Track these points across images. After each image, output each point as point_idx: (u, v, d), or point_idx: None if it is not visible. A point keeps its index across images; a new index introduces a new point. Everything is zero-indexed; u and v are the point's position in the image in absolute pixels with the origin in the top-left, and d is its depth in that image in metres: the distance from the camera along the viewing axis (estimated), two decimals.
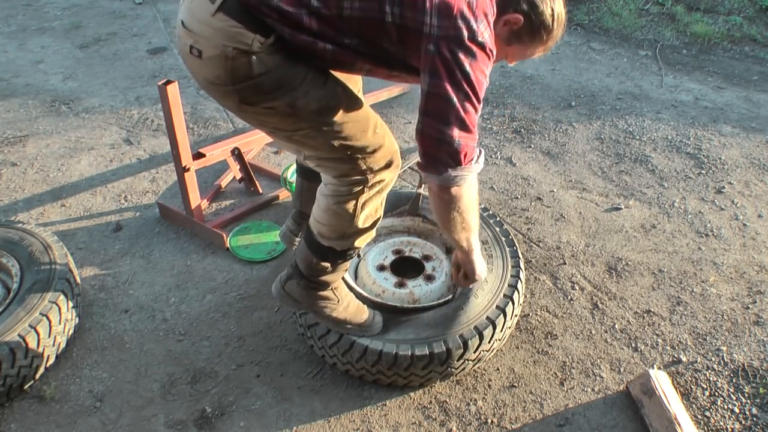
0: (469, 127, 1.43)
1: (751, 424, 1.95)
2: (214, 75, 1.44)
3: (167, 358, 2.14)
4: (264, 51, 1.40)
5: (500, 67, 4.24)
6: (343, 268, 1.82)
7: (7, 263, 2.14)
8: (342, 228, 1.67)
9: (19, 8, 5.30)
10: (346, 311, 1.87)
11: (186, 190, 2.59)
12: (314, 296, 1.84)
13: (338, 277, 1.85)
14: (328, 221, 1.67)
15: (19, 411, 1.95)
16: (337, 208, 1.64)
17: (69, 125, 3.54)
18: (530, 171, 3.17)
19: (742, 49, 4.55)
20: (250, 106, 1.48)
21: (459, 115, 1.40)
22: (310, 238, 1.74)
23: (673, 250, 2.66)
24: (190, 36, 1.43)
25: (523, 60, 1.65)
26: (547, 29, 1.53)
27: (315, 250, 1.74)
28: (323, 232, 1.70)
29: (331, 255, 1.74)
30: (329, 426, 1.93)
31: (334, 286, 1.85)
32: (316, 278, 1.80)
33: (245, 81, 1.42)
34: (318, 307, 1.86)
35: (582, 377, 2.09)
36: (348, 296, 1.90)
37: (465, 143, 1.44)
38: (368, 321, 1.90)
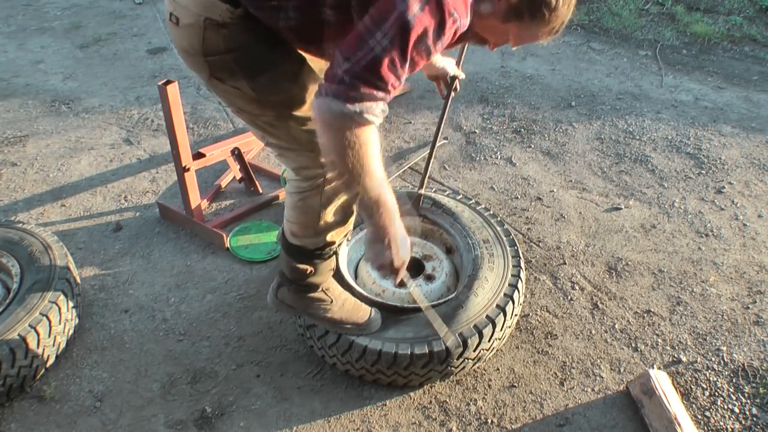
0: (380, 76, 1.25)
1: (751, 424, 1.95)
2: (188, 44, 1.47)
3: (167, 358, 2.14)
4: (235, 24, 1.41)
5: (500, 66, 4.25)
6: (326, 268, 1.80)
7: (7, 263, 2.14)
8: (310, 224, 1.65)
9: (19, 8, 5.30)
10: (342, 311, 1.87)
11: (186, 190, 2.59)
12: (306, 299, 1.84)
13: (325, 278, 1.83)
14: (296, 219, 1.66)
15: (19, 411, 1.95)
16: (302, 204, 1.63)
17: (69, 125, 3.54)
18: (530, 171, 3.17)
19: (742, 49, 4.55)
20: (219, 81, 1.50)
21: (375, 58, 1.24)
22: (284, 240, 1.74)
23: (673, 250, 2.66)
24: (171, 3, 1.48)
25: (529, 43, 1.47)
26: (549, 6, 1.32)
27: (289, 251, 1.74)
28: (294, 231, 1.69)
29: (306, 255, 1.72)
30: (329, 426, 1.93)
31: (324, 287, 1.84)
32: (302, 281, 1.79)
33: (215, 54, 1.44)
34: (312, 309, 1.86)
35: (582, 377, 2.09)
36: (342, 296, 1.89)
37: (364, 89, 1.26)
38: (365, 319, 1.89)
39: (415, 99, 3.83)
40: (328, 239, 1.69)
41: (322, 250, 1.72)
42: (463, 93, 3.89)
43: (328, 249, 1.73)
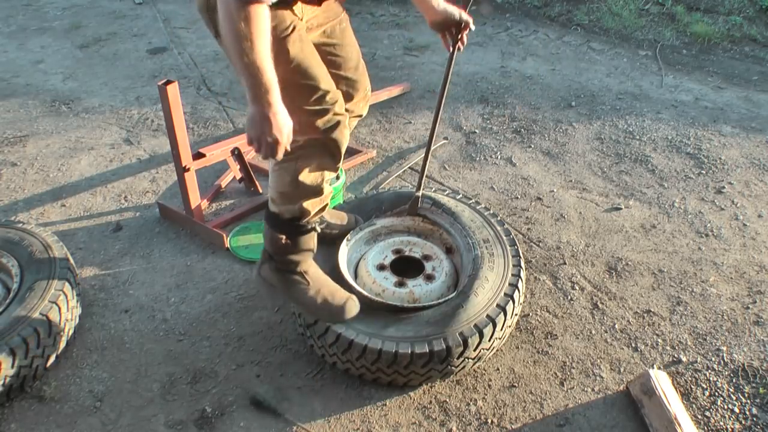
0: None
1: (751, 424, 1.95)
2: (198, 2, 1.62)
3: (167, 358, 2.14)
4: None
5: (500, 66, 4.25)
6: (304, 245, 1.89)
7: (7, 263, 2.14)
8: (285, 189, 1.77)
9: (19, 8, 5.30)
10: (319, 295, 1.92)
11: (186, 190, 2.59)
12: (286, 279, 1.93)
13: (304, 258, 1.92)
14: (274, 184, 1.79)
15: (19, 411, 1.95)
16: (278, 168, 1.76)
17: (69, 125, 3.54)
18: (530, 171, 3.17)
19: (742, 49, 4.55)
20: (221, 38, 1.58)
21: None
22: (266, 208, 1.88)
23: (673, 250, 2.66)
24: None
25: None
26: None
27: (269, 220, 1.87)
28: (273, 197, 1.82)
29: (283, 223, 1.83)
30: (329, 426, 1.93)
31: (303, 269, 1.93)
32: (281, 257, 1.89)
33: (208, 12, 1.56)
34: (291, 290, 1.94)
35: (582, 377, 2.09)
36: (320, 281, 1.96)
37: None
38: (340, 306, 1.92)
39: (415, 99, 3.83)
40: (304, 207, 1.81)
41: (298, 221, 1.83)
42: (463, 93, 3.89)
43: (305, 221, 1.84)
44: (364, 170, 3.16)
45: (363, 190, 2.99)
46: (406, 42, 4.64)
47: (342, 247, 2.21)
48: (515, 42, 4.66)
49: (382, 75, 4.10)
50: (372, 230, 2.35)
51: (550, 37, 4.76)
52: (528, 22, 5.00)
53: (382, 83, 3.91)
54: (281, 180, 1.77)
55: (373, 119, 3.58)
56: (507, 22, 5.01)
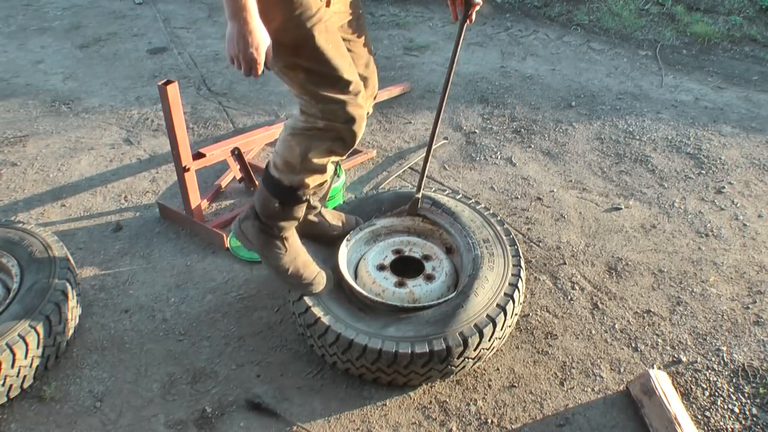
0: None
1: (751, 424, 1.95)
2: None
3: (167, 358, 2.14)
4: None
5: (500, 66, 4.25)
6: (292, 214, 1.92)
7: (7, 263, 2.14)
8: (292, 161, 1.80)
9: (19, 8, 5.30)
10: (292, 263, 1.97)
11: (186, 190, 2.59)
12: (265, 240, 1.98)
13: (289, 225, 1.96)
14: (282, 152, 1.82)
15: (19, 411, 1.95)
16: (291, 139, 1.79)
17: (69, 125, 3.54)
18: (530, 171, 3.17)
19: (742, 49, 4.55)
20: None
21: None
22: (266, 170, 1.91)
23: (673, 250, 2.66)
24: None
25: None
26: None
27: (267, 181, 1.90)
28: (277, 163, 1.85)
29: (280, 189, 1.86)
30: (329, 426, 1.93)
31: (285, 235, 1.97)
32: (268, 220, 1.93)
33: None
34: (267, 251, 1.99)
35: (582, 377, 2.09)
36: (298, 250, 2.00)
37: None
38: (309, 278, 1.97)
39: (415, 99, 3.83)
40: (305, 180, 1.84)
41: (295, 191, 1.86)
42: (463, 93, 3.89)
43: (301, 192, 1.87)
44: (364, 170, 3.16)
45: (363, 190, 2.99)
46: (406, 42, 4.64)
47: (342, 247, 2.21)
48: (515, 42, 4.66)
49: (382, 75, 4.09)
50: (372, 230, 2.35)
51: (550, 37, 4.76)
52: (528, 22, 5.00)
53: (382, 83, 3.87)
54: (291, 152, 1.80)
55: (373, 119, 3.58)
56: (507, 22, 5.01)
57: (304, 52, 1.63)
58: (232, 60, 1.56)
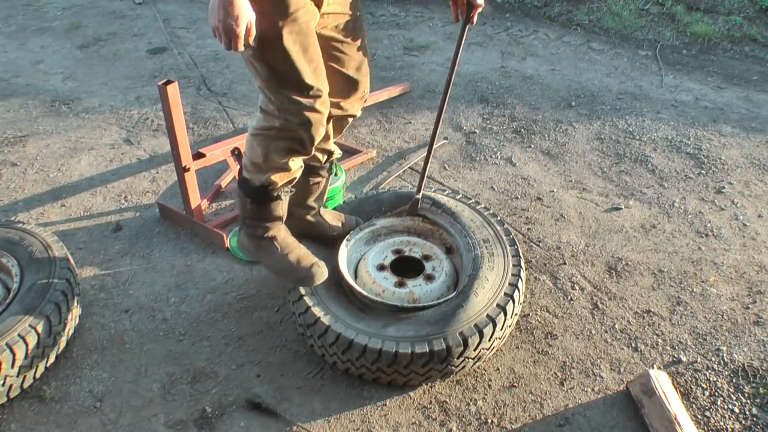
0: None
1: (751, 424, 1.95)
2: None
3: (167, 358, 2.14)
4: None
5: (500, 66, 4.25)
6: (272, 213, 1.95)
7: (7, 263, 2.14)
8: (256, 160, 1.84)
9: (19, 8, 5.30)
10: (284, 260, 2.00)
11: (186, 190, 2.59)
12: (256, 243, 2.01)
13: (273, 225, 1.99)
14: (248, 152, 1.87)
15: (19, 411, 1.95)
16: (253, 140, 1.83)
17: (69, 125, 3.54)
18: (530, 171, 3.17)
19: (742, 49, 4.55)
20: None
21: None
22: (239, 173, 1.96)
23: (673, 250, 2.66)
24: None
25: None
26: None
27: (240, 183, 1.95)
28: (246, 164, 1.90)
29: (252, 189, 1.90)
30: (329, 426, 1.93)
31: (271, 235, 2.00)
32: (251, 221, 1.98)
33: None
34: (261, 253, 2.03)
35: (582, 377, 2.09)
36: (290, 246, 2.02)
37: None
38: (306, 270, 1.99)
39: (415, 99, 3.83)
40: (271, 178, 1.86)
41: (265, 189, 1.89)
42: (463, 93, 3.89)
43: (270, 189, 1.89)
44: (364, 170, 3.16)
45: (363, 190, 2.99)
46: (406, 42, 4.64)
47: (342, 247, 2.21)
48: (515, 42, 4.66)
49: (382, 75, 4.10)
50: (372, 230, 2.35)
51: (550, 37, 4.76)
52: (528, 22, 5.00)
53: (382, 83, 3.91)
54: (254, 152, 1.84)
55: (373, 119, 3.58)
56: (507, 22, 5.01)
57: (271, 48, 1.63)
58: (214, 32, 1.54)
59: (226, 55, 4.39)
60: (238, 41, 1.53)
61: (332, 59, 1.86)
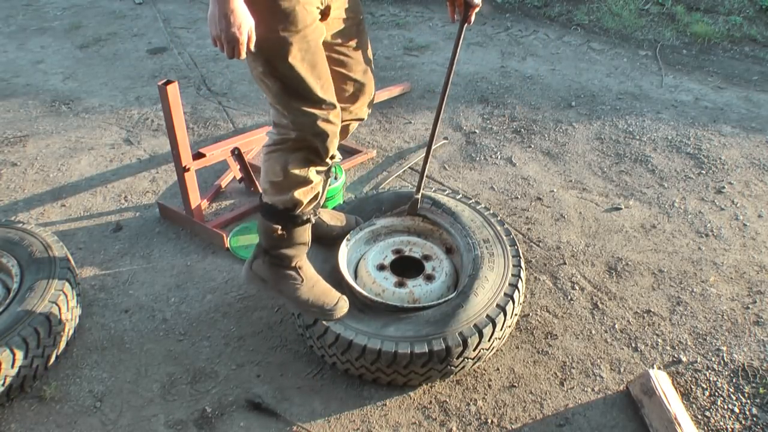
0: None
1: (751, 424, 1.95)
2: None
3: (167, 358, 2.14)
4: None
5: (500, 66, 4.25)
6: (298, 238, 1.89)
7: (7, 263, 2.14)
8: (275, 179, 1.79)
9: (19, 8, 5.30)
10: (311, 292, 1.93)
11: (186, 190, 2.59)
12: (278, 274, 1.94)
13: (299, 252, 1.93)
14: (265, 173, 1.82)
15: (19, 411, 1.95)
16: (269, 158, 1.80)
17: (69, 125, 3.55)
18: (530, 171, 3.17)
19: (742, 49, 4.55)
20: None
21: None
22: (260, 201, 1.89)
23: (673, 250, 2.66)
24: None
25: None
26: None
27: (264, 211, 1.88)
28: (266, 188, 1.85)
29: (277, 214, 1.84)
30: (329, 426, 1.93)
31: (297, 264, 1.94)
32: (276, 251, 1.90)
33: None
34: (283, 285, 1.94)
35: (582, 377, 2.09)
36: (313, 278, 1.97)
37: None
38: (332, 305, 1.93)
39: (415, 99, 3.83)
40: (295, 197, 1.81)
41: (291, 211, 1.84)
42: (463, 93, 3.89)
43: (298, 211, 1.84)
44: (364, 170, 3.16)
45: (363, 190, 2.99)
46: (406, 42, 4.64)
47: (342, 247, 2.21)
48: (515, 42, 4.66)
49: (382, 75, 4.10)
50: (372, 230, 2.35)
51: (550, 37, 4.76)
52: (528, 22, 5.00)
53: (382, 83, 3.91)
54: (272, 169, 1.80)
55: (373, 119, 3.58)
56: (507, 22, 5.01)
57: (280, 64, 1.62)
58: (215, 41, 1.53)
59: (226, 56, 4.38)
60: (241, 49, 1.52)
61: (339, 64, 1.85)
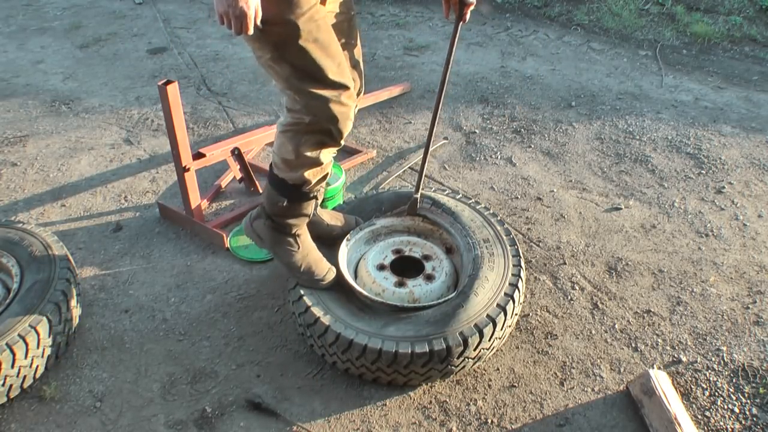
0: None
1: (751, 424, 1.95)
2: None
3: (167, 358, 2.14)
4: None
5: (500, 66, 4.25)
6: (302, 210, 1.95)
7: (7, 263, 2.14)
8: (287, 157, 1.83)
9: (19, 8, 5.30)
10: (304, 260, 2.01)
11: (186, 190, 2.59)
12: (277, 239, 2.02)
13: (300, 222, 2.00)
14: (277, 150, 1.86)
15: (19, 411, 1.95)
16: (282, 137, 1.83)
17: (69, 125, 3.54)
18: (530, 171, 3.17)
19: (742, 49, 4.55)
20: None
21: None
22: (270, 170, 1.94)
23: (673, 250, 2.66)
24: None
25: None
26: None
27: (272, 182, 1.93)
28: (277, 162, 1.88)
29: (285, 188, 1.90)
30: (329, 426, 1.93)
31: (297, 233, 2.00)
32: (278, 219, 1.96)
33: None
34: (278, 248, 2.03)
35: (582, 377, 2.09)
36: (309, 247, 2.04)
37: None
38: (321, 275, 2.02)
39: (415, 99, 3.83)
40: (305, 176, 1.86)
41: (299, 188, 1.89)
42: (463, 93, 3.89)
43: (305, 187, 1.90)
44: (364, 170, 3.16)
45: (363, 190, 2.99)
46: (406, 42, 4.64)
47: (342, 247, 2.21)
48: (515, 42, 4.66)
49: (382, 75, 4.10)
50: (372, 230, 2.35)
51: (550, 37, 4.76)
52: (528, 22, 5.00)
53: (382, 83, 3.91)
54: (284, 148, 1.83)
55: (373, 119, 3.58)
56: (507, 22, 5.01)
57: (290, 48, 1.64)
58: (221, 18, 1.50)
59: (226, 55, 4.39)
60: (248, 23, 1.50)
61: None
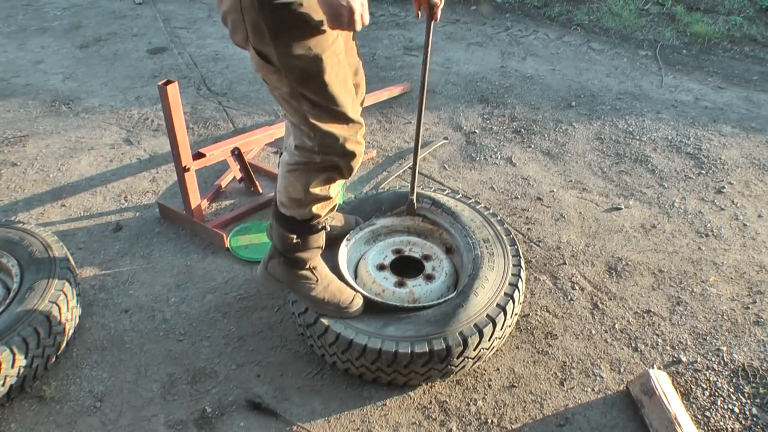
0: None
1: (751, 424, 1.95)
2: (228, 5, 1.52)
3: (167, 358, 2.14)
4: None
5: (500, 66, 4.25)
6: (313, 243, 1.91)
7: (7, 263, 2.14)
8: (295, 196, 1.78)
9: (19, 8, 5.30)
10: (326, 291, 1.95)
11: (186, 190, 2.59)
12: (294, 274, 1.96)
13: (313, 255, 1.95)
14: (284, 189, 1.80)
15: (19, 411, 1.95)
16: (290, 176, 1.77)
17: (69, 125, 3.54)
18: (530, 171, 3.17)
19: (742, 49, 4.55)
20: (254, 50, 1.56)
21: None
22: (275, 209, 1.88)
23: (673, 250, 2.66)
24: None
25: None
26: None
27: (279, 220, 1.87)
28: (283, 201, 1.83)
29: (295, 225, 1.84)
30: (329, 426, 1.93)
31: (312, 265, 1.96)
32: (291, 255, 1.91)
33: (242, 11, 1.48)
34: (298, 285, 1.96)
35: (582, 377, 2.09)
36: (328, 277, 1.98)
37: None
38: (347, 303, 1.95)
39: (414, 99, 3.83)
40: (314, 211, 1.81)
41: (309, 222, 1.84)
42: (463, 93, 3.89)
43: (315, 222, 1.85)
44: (364, 170, 3.16)
45: (363, 190, 2.99)
46: (406, 42, 4.64)
47: (342, 247, 2.21)
48: (515, 42, 4.66)
49: (382, 75, 4.10)
50: (372, 230, 2.35)
51: (550, 37, 4.76)
52: (528, 22, 5.00)
53: (382, 83, 3.91)
54: (293, 188, 1.77)
55: (373, 119, 3.58)
56: (507, 22, 5.01)
57: (313, 83, 1.58)
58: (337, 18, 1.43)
59: (226, 55, 4.39)
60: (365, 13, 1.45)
61: None
